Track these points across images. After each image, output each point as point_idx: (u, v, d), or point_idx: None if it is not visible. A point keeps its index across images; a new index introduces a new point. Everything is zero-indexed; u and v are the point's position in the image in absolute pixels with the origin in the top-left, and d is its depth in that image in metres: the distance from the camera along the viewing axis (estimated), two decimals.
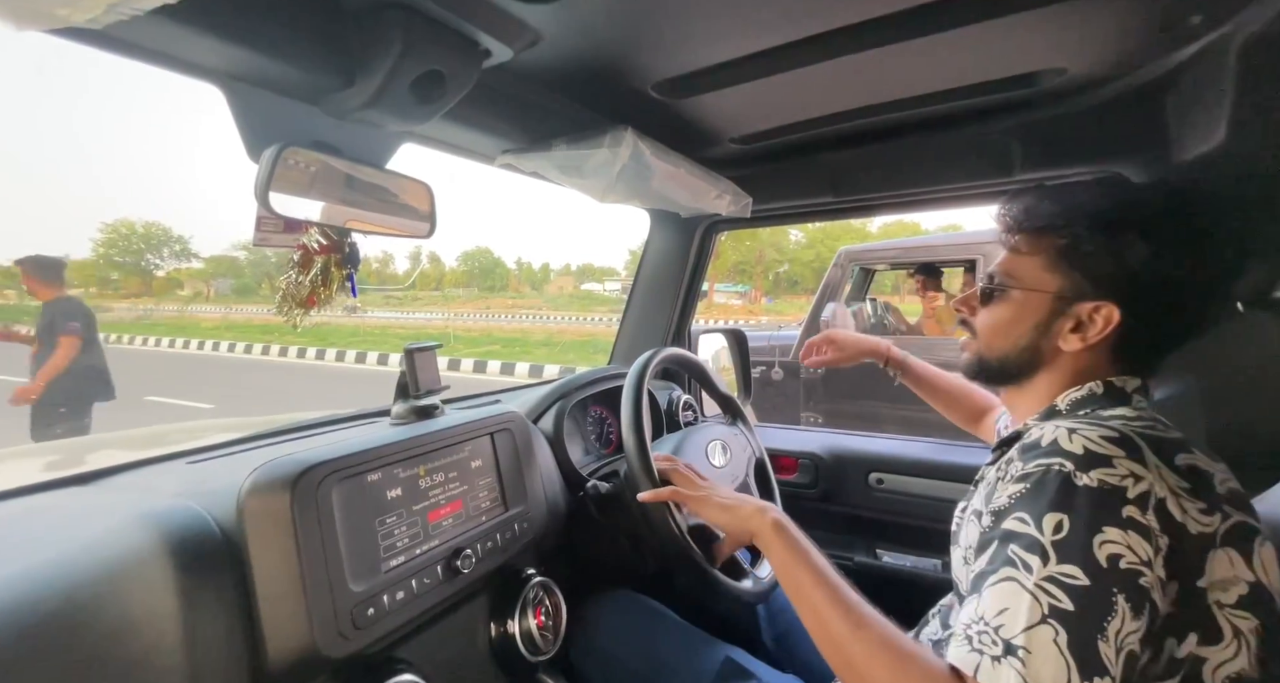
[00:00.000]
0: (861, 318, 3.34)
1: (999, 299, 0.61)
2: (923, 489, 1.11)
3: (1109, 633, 0.38)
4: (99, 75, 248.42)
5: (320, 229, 0.70)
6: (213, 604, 0.48)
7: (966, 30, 0.65)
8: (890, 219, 32.06)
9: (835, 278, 3.24)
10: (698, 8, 0.61)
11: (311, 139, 0.65)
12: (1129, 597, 0.39)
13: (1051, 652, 0.38)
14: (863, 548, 1.22)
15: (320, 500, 0.52)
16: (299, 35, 0.55)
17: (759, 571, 0.86)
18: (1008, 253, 0.62)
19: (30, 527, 0.51)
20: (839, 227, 30.58)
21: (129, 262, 46.37)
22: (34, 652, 0.39)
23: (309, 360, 10.89)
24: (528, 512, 0.77)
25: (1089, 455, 0.44)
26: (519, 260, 65.32)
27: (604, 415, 1.17)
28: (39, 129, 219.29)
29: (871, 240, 8.52)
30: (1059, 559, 0.41)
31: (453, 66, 0.61)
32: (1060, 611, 0.39)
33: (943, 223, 62.54)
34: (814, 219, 1.33)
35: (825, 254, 31.69)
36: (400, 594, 0.57)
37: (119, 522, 0.48)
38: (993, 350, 0.62)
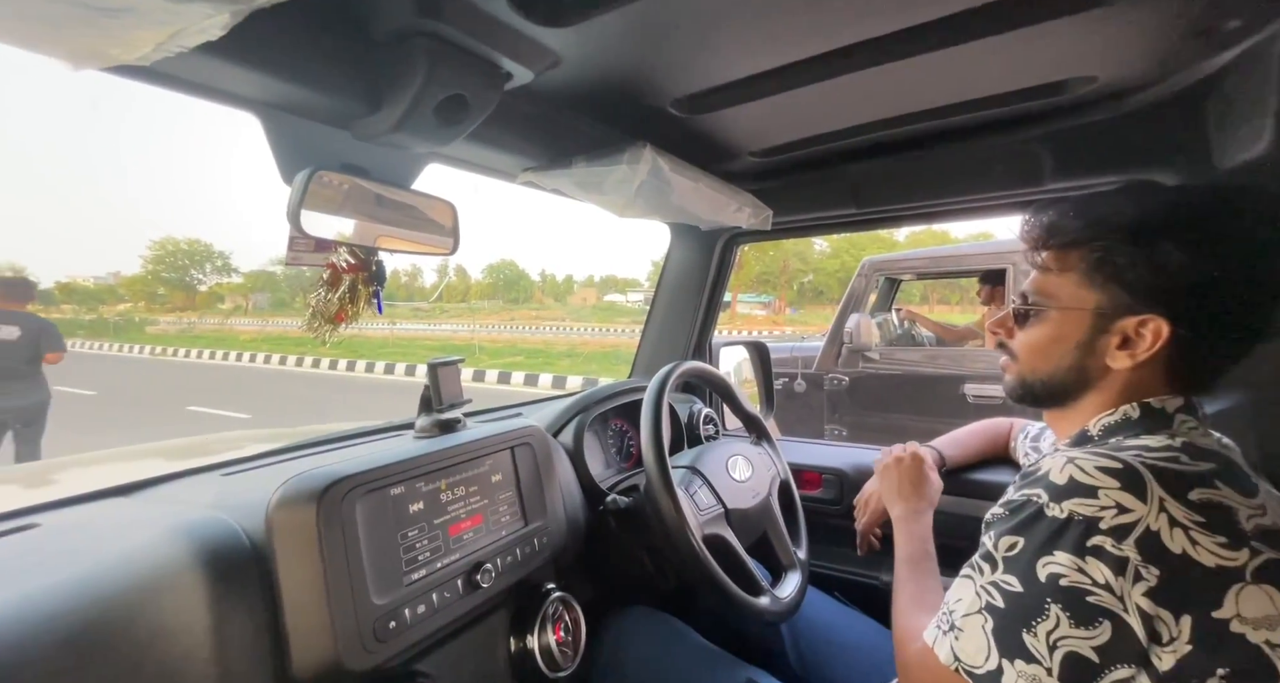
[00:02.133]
0: (887, 330, 3.28)
1: (1035, 319, 0.60)
2: (952, 507, 1.08)
3: (1037, 631, 0.45)
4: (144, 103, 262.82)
5: (349, 248, 0.72)
6: (242, 615, 0.49)
7: (992, 41, 0.64)
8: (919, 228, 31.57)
9: (859, 288, 3.19)
10: (716, 26, 0.62)
11: (341, 162, 0.68)
12: (1067, 608, 0.44)
13: (978, 634, 0.48)
14: (890, 567, 1.18)
15: (344, 514, 0.54)
16: (330, 64, 0.57)
17: (779, 590, 0.85)
18: (1037, 271, 0.60)
19: (75, 538, 0.53)
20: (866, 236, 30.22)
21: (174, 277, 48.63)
22: (75, 659, 0.40)
23: (340, 372, 11.19)
24: (547, 526, 0.77)
25: (1070, 486, 0.47)
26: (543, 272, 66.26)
27: (624, 429, 1.17)
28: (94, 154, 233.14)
29: (899, 250, 8.43)
30: (1004, 570, 0.48)
31: (475, 90, 0.63)
32: (993, 606, 0.48)
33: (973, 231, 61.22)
34: (836, 231, 1.32)
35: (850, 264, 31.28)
36: (421, 608, 0.58)
37: (155, 534, 0.50)
38: (1035, 373, 0.61)
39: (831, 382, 3.10)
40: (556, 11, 0.57)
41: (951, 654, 0.50)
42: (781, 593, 0.84)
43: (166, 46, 0.43)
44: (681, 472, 0.89)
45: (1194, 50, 0.68)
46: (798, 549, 0.95)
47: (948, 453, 0.99)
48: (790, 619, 0.89)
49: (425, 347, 15.14)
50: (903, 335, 3.35)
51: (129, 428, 5.38)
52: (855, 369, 3.05)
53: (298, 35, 0.54)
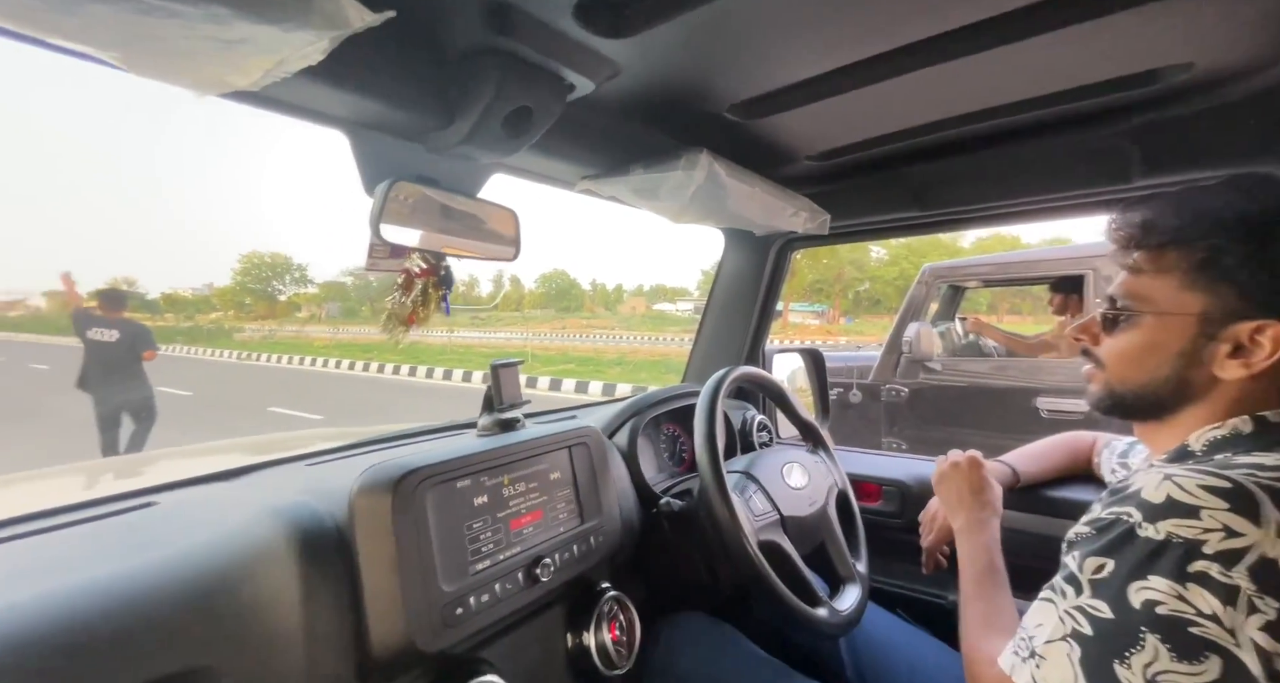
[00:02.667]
0: (950, 340, 3.12)
1: (1127, 325, 0.55)
2: (1028, 525, 1.01)
3: (1131, 663, 0.41)
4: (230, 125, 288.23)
5: (420, 254, 0.77)
6: (327, 593, 0.53)
7: (1074, 30, 0.60)
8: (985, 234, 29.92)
9: (919, 296, 3.06)
10: (774, 30, 0.62)
11: (415, 174, 0.73)
12: (1167, 640, 0.41)
13: (1063, 663, 0.45)
14: (958, 586, 1.12)
15: (416, 503, 0.57)
16: (410, 82, 0.62)
17: (837, 602, 0.82)
18: (1128, 273, 0.56)
19: (186, 515, 0.59)
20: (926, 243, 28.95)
21: (258, 288, 52.85)
22: (192, 622, 0.45)
23: (402, 376, 11.76)
24: (602, 525, 0.78)
25: (1167, 505, 0.43)
26: (593, 282, 67.32)
27: (677, 434, 1.18)
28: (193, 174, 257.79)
29: (963, 256, 7.87)
30: (1091, 594, 0.45)
31: (541, 102, 0.65)
32: (1080, 633, 0.45)
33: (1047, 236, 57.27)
34: (897, 234, 1.28)
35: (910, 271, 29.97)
36: (485, 597, 0.60)
37: (253, 515, 0.55)
38: (1127, 383, 0.56)
39: (889, 393, 2.98)
40: (618, 23, 0.59)
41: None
42: (840, 606, 0.81)
43: (274, 72, 0.48)
44: (736, 476, 0.88)
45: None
46: (857, 562, 0.92)
47: (1022, 468, 0.93)
48: (849, 634, 0.86)
49: (480, 354, 15.69)
50: (968, 346, 3.18)
51: (220, 425, 5.88)
52: (915, 380, 2.92)
53: (382, 57, 0.59)
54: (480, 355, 14.98)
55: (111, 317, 3.95)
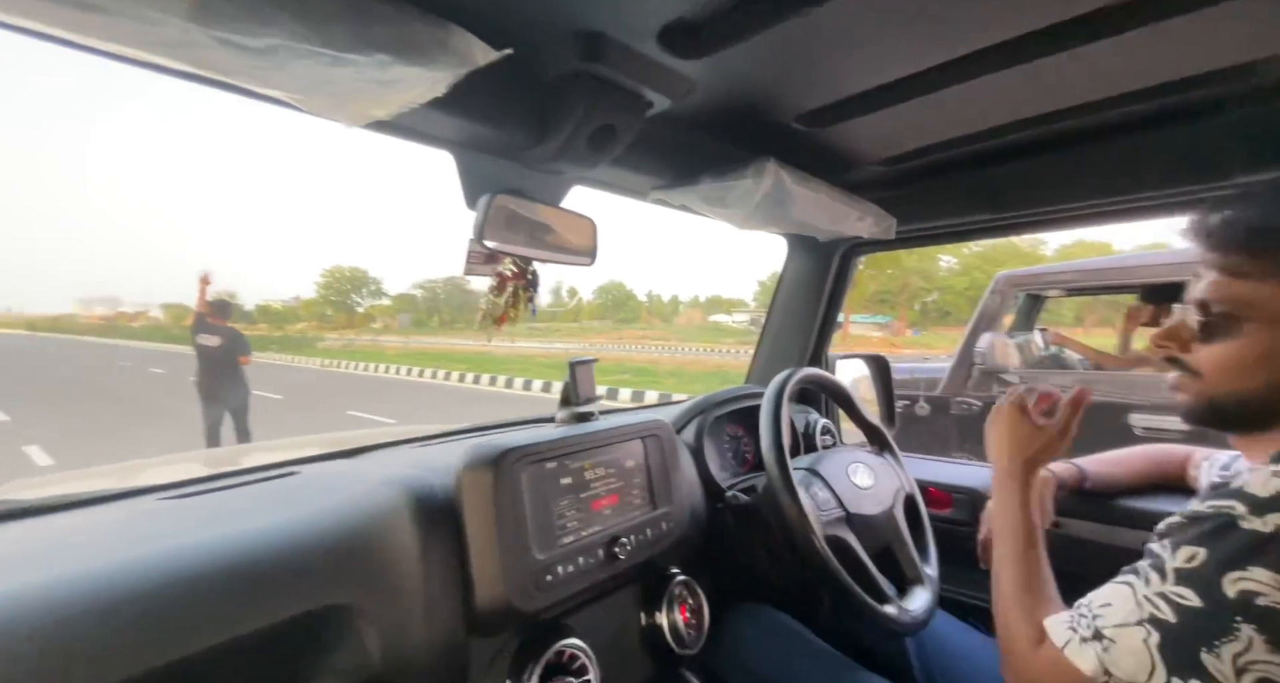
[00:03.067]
0: (1028, 352, 2.95)
1: (1227, 332, 0.53)
2: (1115, 538, 0.97)
3: (1221, 651, 0.41)
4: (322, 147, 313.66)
5: (511, 259, 0.85)
6: (440, 553, 0.60)
7: (1167, 24, 0.59)
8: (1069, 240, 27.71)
9: (993, 306, 2.91)
10: (843, 41, 0.64)
11: (508, 187, 0.81)
12: (1265, 630, 0.41)
13: (1138, 649, 0.44)
14: None
15: (513, 479, 0.64)
16: (511, 106, 0.70)
17: (906, 602, 0.82)
18: (1223, 275, 0.53)
19: (324, 483, 0.69)
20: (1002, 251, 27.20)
21: (339, 300, 56.99)
22: (336, 566, 0.53)
23: (467, 384, 12.31)
24: (672, 513, 0.83)
25: (1277, 498, 0.43)
26: (649, 293, 67.80)
27: (740, 435, 1.20)
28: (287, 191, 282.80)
29: (1044, 264, 7.31)
30: (1176, 582, 0.45)
31: (622, 119, 0.72)
32: (1159, 619, 0.44)
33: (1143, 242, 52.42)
34: (968, 238, 1.26)
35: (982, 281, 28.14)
36: (570, 568, 0.66)
37: (377, 483, 0.64)
38: (1230, 393, 0.54)
39: (960, 406, 2.85)
40: (696, 45, 0.64)
41: (1100, 666, 0.47)
42: (909, 605, 0.81)
43: (407, 104, 0.57)
44: (801, 472, 0.91)
45: None
46: (926, 566, 0.91)
47: (1093, 469, 0.90)
48: (919, 637, 0.85)
49: (539, 363, 16.16)
50: (1049, 358, 2.99)
51: (308, 426, 6.42)
52: (989, 393, 2.78)
53: (488, 85, 0.67)
54: (539, 365, 15.42)
55: (217, 323, 4.51)
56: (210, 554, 0.49)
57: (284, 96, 0.50)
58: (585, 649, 0.67)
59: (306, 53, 0.42)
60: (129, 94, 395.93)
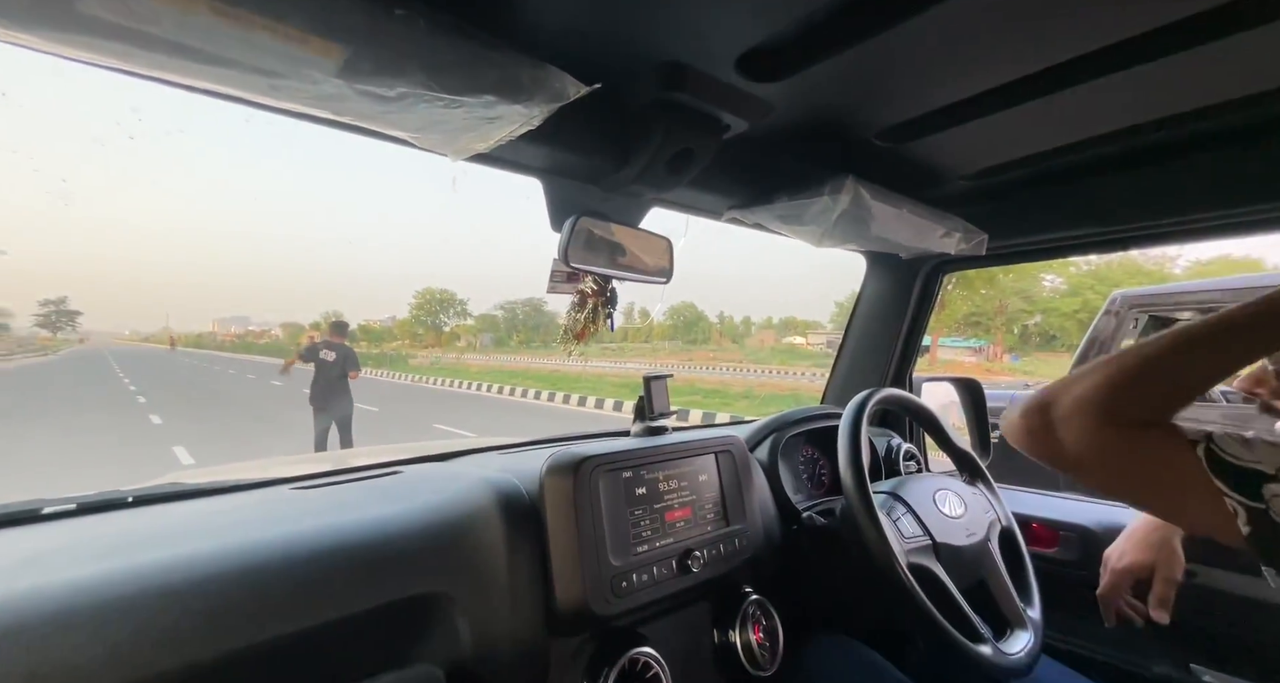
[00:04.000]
0: None
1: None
2: (1261, 592, 0.84)
3: None
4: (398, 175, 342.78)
5: (592, 277, 0.90)
6: (526, 551, 0.64)
7: (1269, 28, 0.55)
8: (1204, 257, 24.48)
9: (1107, 328, 2.64)
10: (922, 58, 0.63)
11: (591, 209, 0.86)
12: None
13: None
14: (1168, 659, 0.94)
15: (592, 485, 0.67)
16: (593, 135, 0.75)
17: (1005, 645, 0.76)
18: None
19: (424, 481, 0.75)
20: (1119, 269, 24.47)
21: (429, 320, 61.33)
22: (434, 556, 0.58)
23: (543, 402, 12.74)
24: (746, 530, 0.82)
25: None
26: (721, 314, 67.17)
27: (816, 456, 1.17)
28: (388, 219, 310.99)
29: (1173, 283, 6.43)
30: None
31: (700, 143, 0.75)
32: None
33: None
34: (1066, 255, 1.17)
35: (1095, 302, 25.38)
36: (644, 577, 0.68)
37: (470, 484, 0.69)
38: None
39: None
40: (774, 70, 0.66)
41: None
42: (1007, 648, 0.75)
43: (504, 138, 0.63)
44: (882, 497, 0.87)
45: None
46: (1028, 607, 0.83)
47: None
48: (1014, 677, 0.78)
49: (611, 382, 16.43)
50: None
51: (400, 436, 6.95)
52: None
53: (576, 116, 0.72)
54: (610, 384, 15.68)
55: (336, 341, 5.09)
56: (331, 538, 0.56)
57: (403, 135, 0.57)
58: (659, 659, 0.67)
59: (429, 98, 0.48)
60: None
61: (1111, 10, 0.56)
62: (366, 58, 0.44)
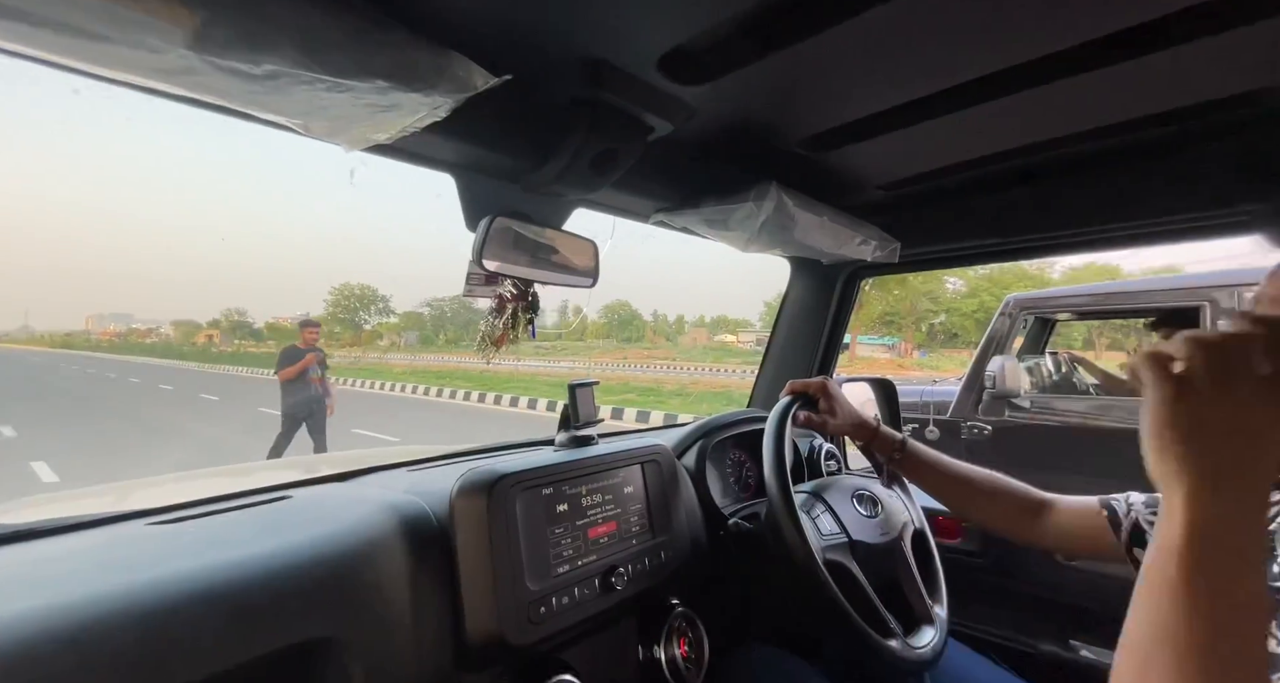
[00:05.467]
0: (1039, 374, 2.91)
1: None
2: (1131, 573, 0.93)
3: None
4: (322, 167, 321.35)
5: (511, 281, 0.85)
6: (431, 582, 0.58)
7: (1161, 56, 0.60)
8: (1077, 263, 27.72)
9: (1002, 329, 2.89)
10: (845, 67, 0.64)
11: (510, 209, 0.81)
12: None
13: None
14: (1051, 636, 1.03)
15: (508, 505, 0.62)
16: (510, 130, 0.70)
17: (913, 640, 0.79)
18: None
19: (316, 507, 0.67)
20: (1009, 273, 27.19)
21: (347, 318, 57.59)
22: (322, 596, 0.52)
23: (473, 403, 12.29)
24: (672, 541, 0.80)
25: None
26: (655, 313, 67.97)
27: (743, 460, 1.18)
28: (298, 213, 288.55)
29: (1052, 287, 7.27)
30: None
31: (623, 144, 0.72)
32: None
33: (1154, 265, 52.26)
34: (972, 263, 1.25)
35: (990, 303, 28.11)
36: (565, 599, 0.64)
37: (370, 509, 0.63)
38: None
39: (970, 430, 2.80)
40: (697, 73, 0.65)
41: None
42: (915, 642, 0.78)
43: (408, 128, 0.57)
44: (803, 496, 0.88)
45: None
46: (936, 604, 0.87)
47: (921, 454, 0.88)
48: (934, 676, 0.82)
49: (544, 382, 16.15)
50: (1060, 382, 2.95)
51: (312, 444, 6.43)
52: (1000, 417, 2.74)
53: (490, 109, 0.68)
54: (544, 384, 15.42)
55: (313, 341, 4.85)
56: (193, 584, 0.48)
57: (283, 121, 0.50)
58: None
59: (307, 79, 0.42)
60: (132, 113, 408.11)
61: (1020, 32, 0.58)
62: (222, 26, 0.37)
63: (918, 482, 0.90)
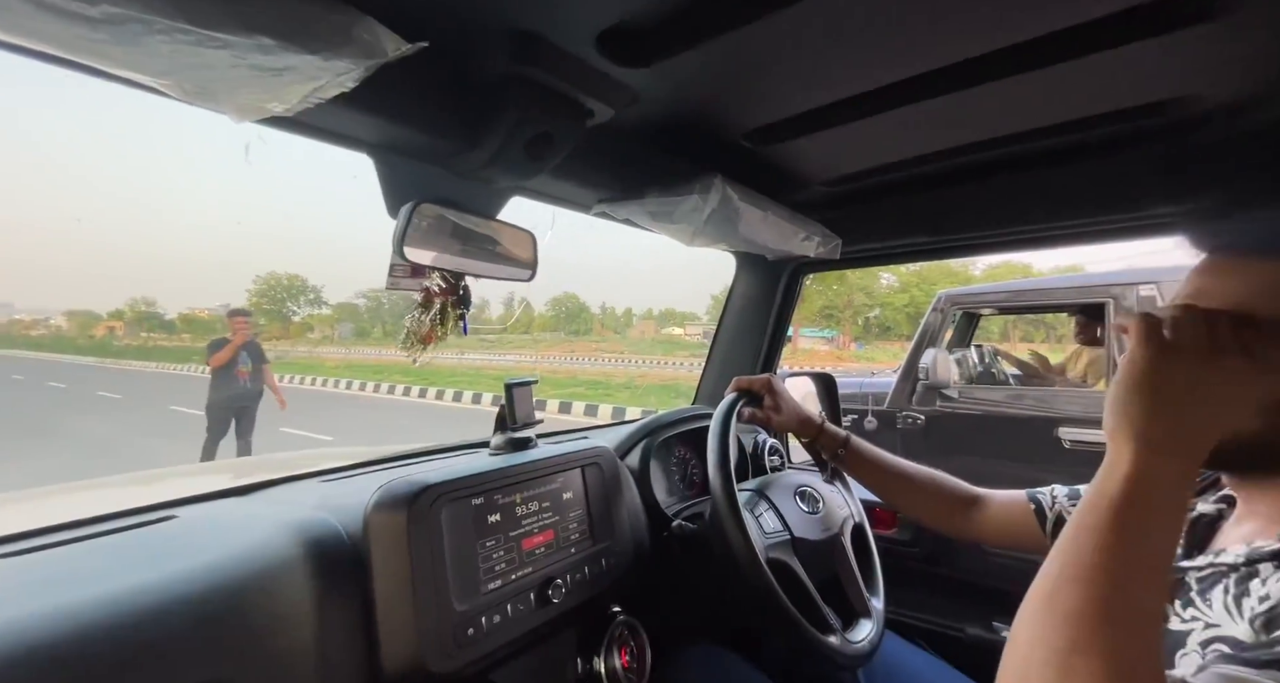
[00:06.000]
0: (966, 366, 3.09)
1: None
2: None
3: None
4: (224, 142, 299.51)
5: (440, 274, 0.78)
6: (341, 609, 0.52)
7: (1084, 61, 0.62)
8: (996, 261, 29.86)
9: (934, 323, 3.05)
10: (791, 58, 0.63)
11: (438, 196, 0.75)
12: None
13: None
14: (977, 619, 1.08)
15: (431, 520, 0.57)
16: (435, 109, 0.64)
17: (850, 634, 0.79)
18: (1230, 285, 0.45)
19: (205, 529, 0.59)
20: (936, 270, 28.91)
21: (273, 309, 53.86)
22: (207, 635, 0.45)
23: (412, 398, 11.80)
24: (614, 547, 0.77)
25: None
26: (603, 305, 67.72)
27: (688, 457, 1.16)
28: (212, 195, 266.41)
29: (973, 284, 7.82)
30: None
31: (560, 128, 0.68)
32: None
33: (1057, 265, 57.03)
34: (909, 260, 1.29)
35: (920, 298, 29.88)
36: (497, 618, 0.59)
37: (269, 529, 0.55)
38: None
39: (905, 420, 2.94)
40: (637, 54, 0.61)
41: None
42: (853, 637, 0.79)
43: (310, 98, 0.50)
44: (747, 494, 0.87)
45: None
46: (873, 597, 0.89)
47: (861, 450, 0.89)
48: (866, 667, 0.83)
49: (490, 376, 15.74)
50: (983, 373, 3.15)
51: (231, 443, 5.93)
52: (932, 407, 2.88)
53: (410, 84, 0.61)
54: (489, 377, 15.01)
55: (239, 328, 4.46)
56: (44, 630, 0.40)
57: (144, 79, 0.42)
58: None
59: (163, 28, 0.35)
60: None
61: (954, 33, 0.58)
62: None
63: (860, 478, 0.91)
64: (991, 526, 0.77)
